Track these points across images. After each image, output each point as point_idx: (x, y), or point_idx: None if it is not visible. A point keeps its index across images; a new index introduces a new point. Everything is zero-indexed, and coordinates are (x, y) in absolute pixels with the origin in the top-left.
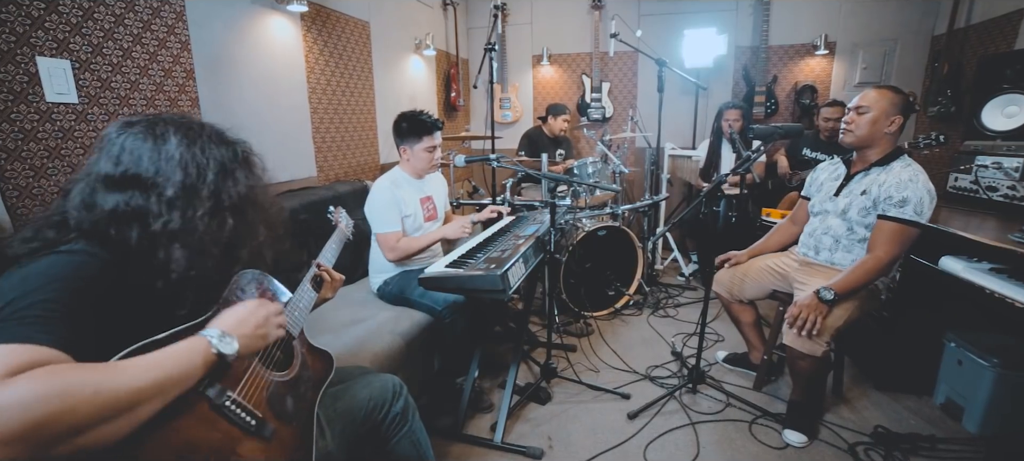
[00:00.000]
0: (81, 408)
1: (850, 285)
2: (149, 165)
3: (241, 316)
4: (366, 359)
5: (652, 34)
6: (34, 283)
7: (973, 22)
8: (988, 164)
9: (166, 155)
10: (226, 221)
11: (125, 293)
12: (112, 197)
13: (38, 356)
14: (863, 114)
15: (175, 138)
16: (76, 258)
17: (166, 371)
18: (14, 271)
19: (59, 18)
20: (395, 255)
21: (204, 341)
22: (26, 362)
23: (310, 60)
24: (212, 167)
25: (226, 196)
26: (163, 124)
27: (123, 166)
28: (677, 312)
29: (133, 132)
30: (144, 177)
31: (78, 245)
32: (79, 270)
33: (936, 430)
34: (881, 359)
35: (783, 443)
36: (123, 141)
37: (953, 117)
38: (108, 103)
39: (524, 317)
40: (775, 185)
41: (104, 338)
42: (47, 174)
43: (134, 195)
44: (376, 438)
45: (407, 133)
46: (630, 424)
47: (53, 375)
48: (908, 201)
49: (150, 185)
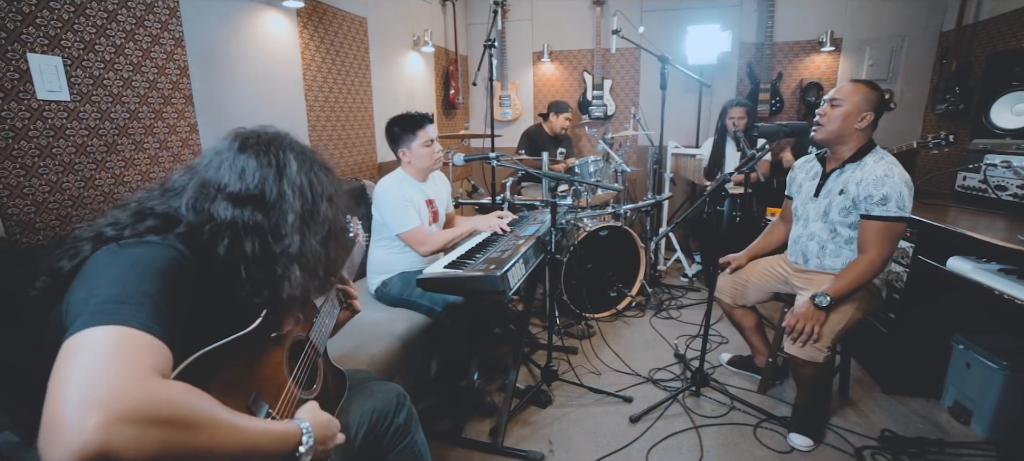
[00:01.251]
0: (195, 437)
1: (845, 288)
2: (272, 187)
3: (324, 424)
4: (363, 362)
5: (655, 30)
6: (142, 269)
7: (982, 18)
8: (997, 163)
9: (289, 180)
10: (330, 244)
11: (200, 293)
12: (230, 210)
13: (166, 356)
14: (836, 106)
15: (295, 164)
16: (171, 252)
17: (258, 444)
18: (118, 252)
19: (50, 14)
20: (427, 248)
21: (297, 437)
22: (167, 360)
23: (306, 56)
24: (326, 194)
25: (336, 223)
26: (281, 146)
27: (246, 184)
28: (680, 314)
29: (253, 152)
30: (267, 199)
31: (172, 241)
32: (175, 264)
33: (944, 434)
34: (888, 361)
35: (788, 447)
36: (245, 160)
37: (961, 115)
38: (100, 101)
39: (524, 319)
40: (780, 184)
41: (186, 339)
42: (38, 173)
43: (254, 213)
44: (376, 449)
45: (400, 134)
46: (632, 428)
47: (197, 395)
48: (889, 198)
49: (271, 207)
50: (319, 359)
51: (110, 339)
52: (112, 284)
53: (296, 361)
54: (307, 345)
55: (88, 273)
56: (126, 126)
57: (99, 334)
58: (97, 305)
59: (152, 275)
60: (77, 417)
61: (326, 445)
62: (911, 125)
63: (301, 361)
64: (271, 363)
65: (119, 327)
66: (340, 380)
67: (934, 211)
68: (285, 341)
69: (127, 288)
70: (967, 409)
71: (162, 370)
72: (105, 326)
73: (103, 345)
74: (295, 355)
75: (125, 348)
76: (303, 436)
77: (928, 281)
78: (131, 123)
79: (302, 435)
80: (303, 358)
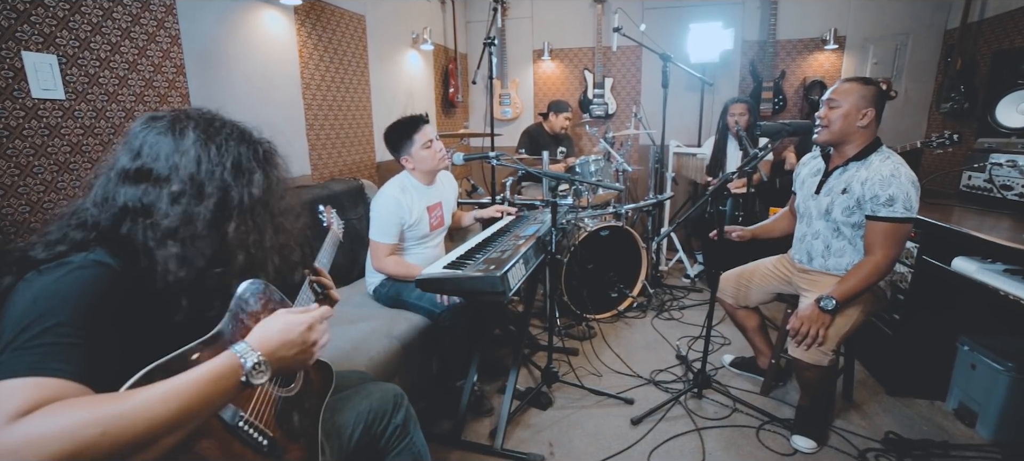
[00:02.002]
0: (89, 450)
1: (851, 291)
2: (164, 160)
3: (274, 335)
4: (361, 364)
5: (656, 28)
6: (45, 305)
7: (987, 16)
8: (1003, 162)
9: (181, 150)
10: (229, 222)
11: (139, 306)
12: (125, 191)
13: (50, 391)
14: (834, 108)
15: (194, 133)
16: (87, 273)
17: (187, 401)
18: (31, 284)
19: (45, 12)
20: (378, 265)
21: (235, 366)
22: (36, 399)
23: (304, 55)
24: (228, 164)
25: (235, 195)
26: (186, 118)
27: (140, 160)
28: (682, 314)
29: (156, 127)
30: (157, 172)
31: (93, 255)
32: (92, 286)
33: (949, 436)
34: (892, 363)
35: (791, 449)
36: (145, 135)
37: (966, 114)
38: (96, 99)
39: (524, 320)
40: (783, 184)
41: (126, 357)
42: (33, 173)
43: (147, 190)
44: (374, 451)
45: (398, 141)
46: (634, 430)
47: (58, 414)
48: (895, 198)
49: (162, 180)
50: None
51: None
52: (12, 328)
53: None
54: None
55: (6, 311)
56: (122, 125)
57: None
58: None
59: (58, 306)
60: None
61: (298, 347)
62: (916, 124)
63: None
64: None
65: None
66: (325, 374)
67: (939, 211)
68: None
69: (26, 329)
70: (972, 411)
71: (39, 406)
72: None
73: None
74: None
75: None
76: (240, 358)
77: (933, 282)
78: (127, 122)
79: (239, 357)
80: None
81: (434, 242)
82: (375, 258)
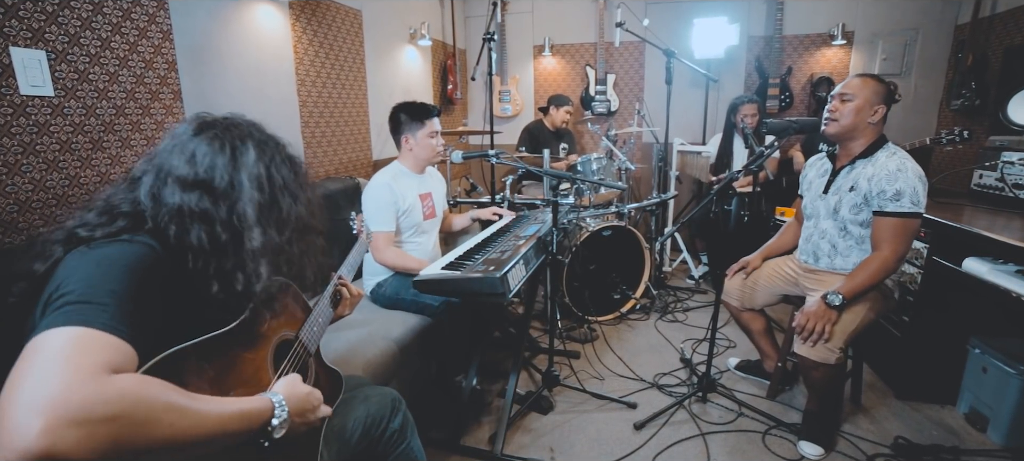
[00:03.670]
0: (154, 431)
1: (858, 287)
2: (223, 174)
3: (301, 396)
4: (358, 367)
5: (660, 23)
6: (109, 269)
7: (999, 11)
8: (1015, 160)
9: (246, 169)
10: (293, 240)
11: (176, 290)
12: (179, 195)
13: (124, 354)
14: (847, 101)
15: (254, 152)
16: (143, 249)
17: (227, 424)
18: (85, 254)
19: (34, 6)
20: (380, 257)
21: (268, 411)
22: (119, 360)
23: (299, 50)
24: (279, 184)
25: (285, 215)
26: (241, 135)
27: (197, 169)
28: (686, 317)
29: (207, 137)
30: (217, 186)
31: (143, 238)
32: (144, 261)
33: (960, 441)
34: (901, 366)
35: (798, 455)
36: (197, 145)
37: (978, 111)
38: (86, 96)
39: (525, 322)
40: (789, 183)
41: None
42: (21, 171)
43: (202, 199)
44: (371, 455)
45: (408, 121)
46: (637, 435)
47: (152, 385)
48: (902, 193)
49: (221, 194)
50: (310, 359)
51: (66, 340)
52: (77, 285)
53: (283, 360)
54: (296, 344)
55: (58, 276)
56: (112, 122)
57: (56, 336)
58: (59, 307)
59: (118, 274)
60: (23, 420)
61: (305, 417)
62: (926, 121)
63: (289, 360)
64: (253, 362)
65: (77, 328)
66: (335, 380)
67: (949, 210)
68: (270, 339)
69: (92, 288)
70: (984, 415)
71: (120, 367)
72: (64, 327)
73: (58, 347)
74: (282, 354)
75: (80, 348)
76: (275, 409)
77: (943, 283)
78: (117, 119)
79: (274, 408)
80: (291, 357)
81: (430, 234)
82: (376, 251)
